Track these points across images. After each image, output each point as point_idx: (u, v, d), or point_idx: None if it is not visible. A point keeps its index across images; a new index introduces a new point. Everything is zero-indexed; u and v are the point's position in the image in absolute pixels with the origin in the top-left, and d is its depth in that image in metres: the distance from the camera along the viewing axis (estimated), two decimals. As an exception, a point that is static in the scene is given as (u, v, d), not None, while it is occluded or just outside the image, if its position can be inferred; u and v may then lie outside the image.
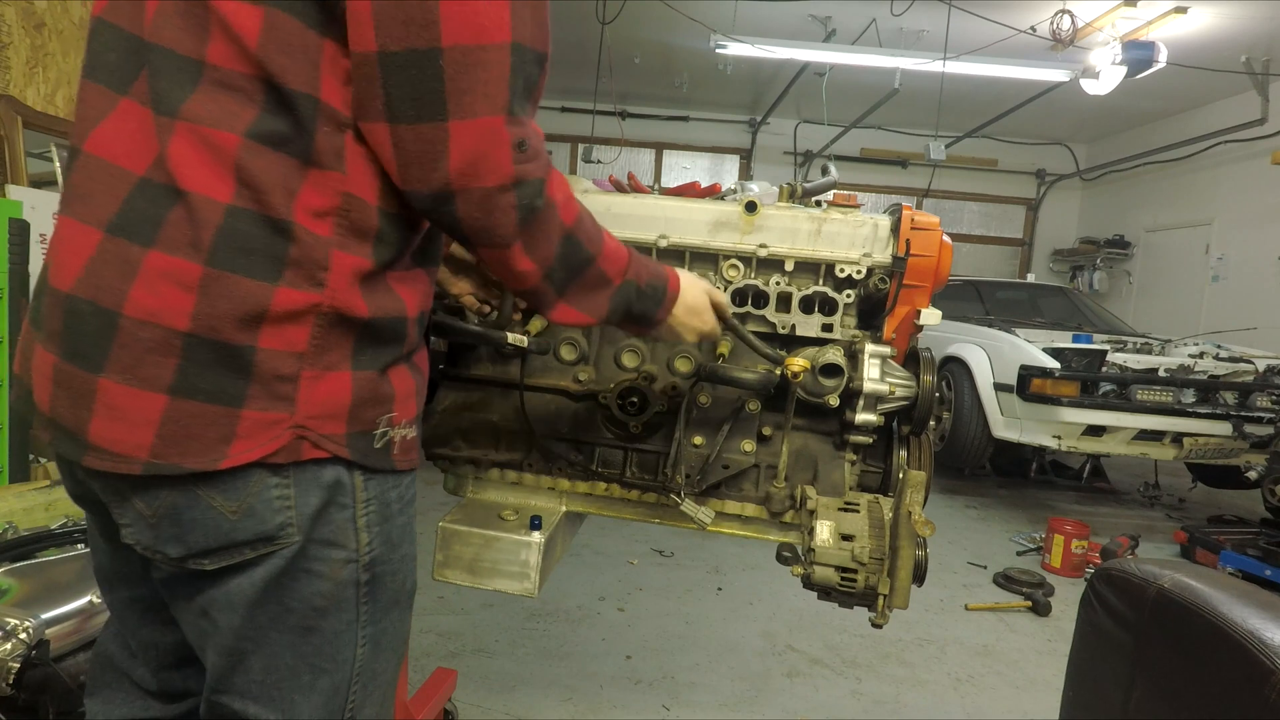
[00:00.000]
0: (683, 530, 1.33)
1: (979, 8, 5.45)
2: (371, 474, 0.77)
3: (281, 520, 0.72)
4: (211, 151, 0.67)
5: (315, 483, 0.73)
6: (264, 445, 0.70)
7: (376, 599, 0.81)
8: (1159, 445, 4.16)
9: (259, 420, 0.70)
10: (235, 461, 0.69)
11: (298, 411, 0.71)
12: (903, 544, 1.09)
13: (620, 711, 2.12)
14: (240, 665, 0.77)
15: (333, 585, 0.76)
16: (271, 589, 0.74)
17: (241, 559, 0.72)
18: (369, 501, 0.78)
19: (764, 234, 1.25)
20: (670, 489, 1.24)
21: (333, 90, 0.70)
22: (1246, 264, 6.81)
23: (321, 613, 0.77)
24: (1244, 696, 0.83)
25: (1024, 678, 2.54)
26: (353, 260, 0.72)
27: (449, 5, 0.66)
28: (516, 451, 1.32)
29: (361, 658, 0.81)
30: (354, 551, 0.77)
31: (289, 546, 0.73)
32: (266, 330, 0.69)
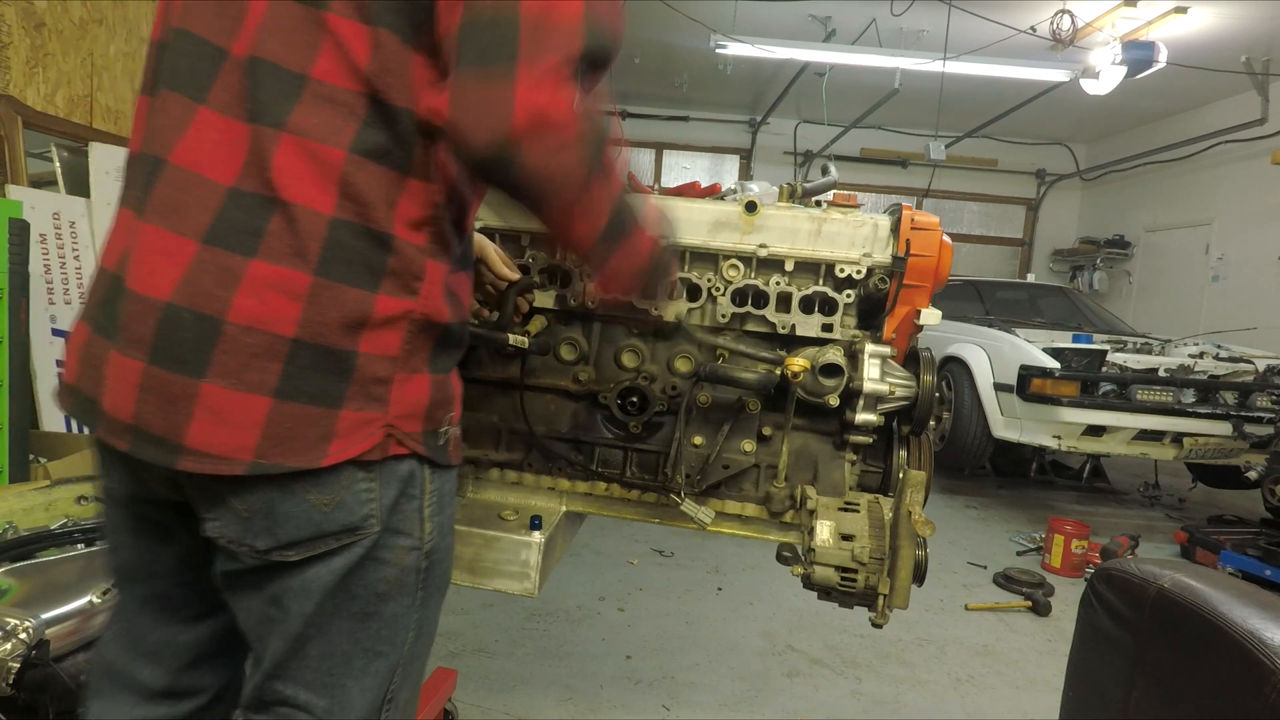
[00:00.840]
0: (683, 530, 1.33)
1: (979, 8, 5.45)
2: (435, 467, 0.82)
3: (366, 512, 0.76)
4: (318, 165, 0.71)
5: (394, 476, 0.77)
6: (360, 444, 0.74)
7: (429, 585, 0.84)
8: (1159, 445, 4.15)
9: (356, 420, 0.73)
10: (335, 459, 0.72)
11: (389, 411, 0.75)
12: (903, 544, 1.09)
13: (620, 711, 2.12)
14: (300, 651, 0.79)
15: (398, 571, 0.80)
16: (346, 576, 0.77)
17: (326, 549, 0.76)
18: (433, 493, 0.82)
19: (764, 234, 1.25)
20: (670, 489, 1.24)
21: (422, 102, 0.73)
22: (1246, 264, 6.81)
23: (383, 598, 0.80)
24: (1244, 696, 0.83)
25: (1024, 678, 2.54)
26: (441, 268, 0.78)
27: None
28: (516, 451, 1.31)
29: (409, 642, 0.84)
30: (419, 539, 0.81)
31: (369, 536, 0.77)
32: (367, 336, 0.73)
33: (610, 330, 1.32)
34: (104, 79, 3.20)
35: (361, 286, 0.72)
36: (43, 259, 2.68)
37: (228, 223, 0.70)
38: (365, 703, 0.82)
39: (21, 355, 2.40)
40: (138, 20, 3.37)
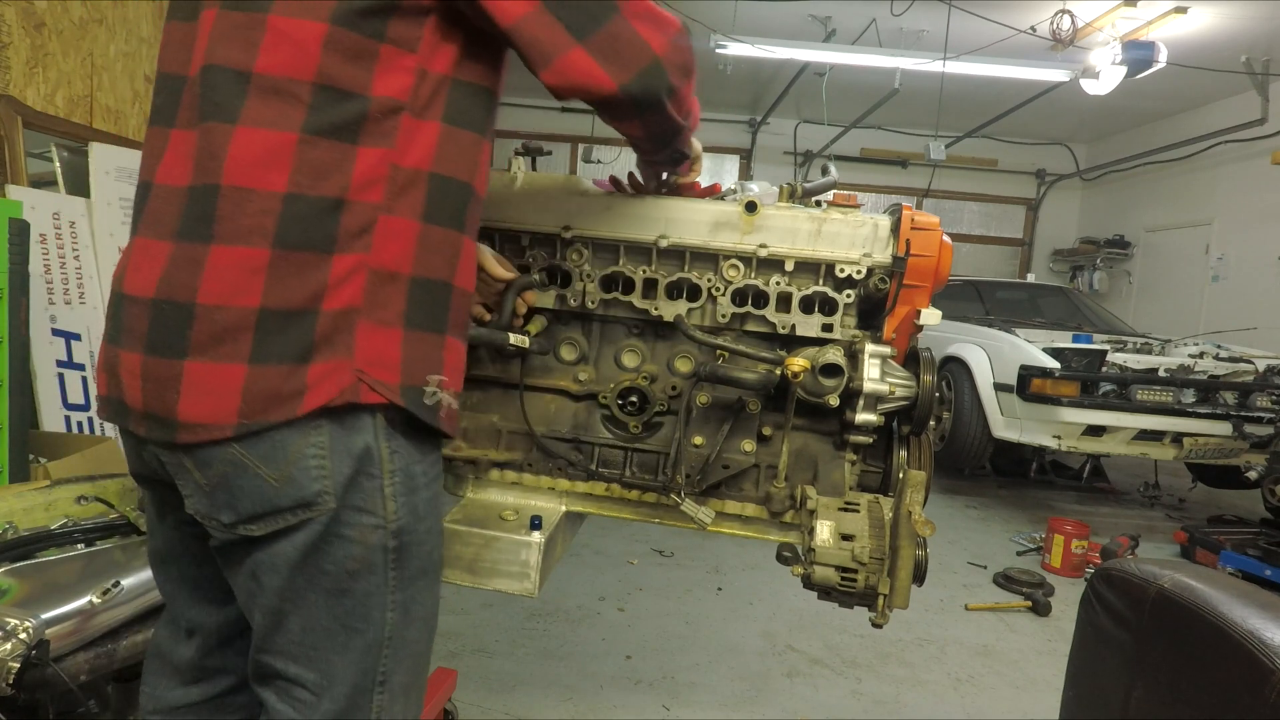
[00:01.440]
0: (683, 530, 1.33)
1: (979, 8, 5.45)
2: (398, 447, 0.85)
3: (318, 488, 0.80)
4: (269, 150, 0.77)
5: (347, 453, 0.81)
6: (329, 390, 0.79)
7: (404, 566, 0.87)
8: (1159, 445, 4.15)
9: (325, 369, 0.79)
10: (308, 408, 0.78)
11: (356, 358, 0.80)
12: (903, 544, 1.09)
13: (620, 711, 2.12)
14: (281, 625, 0.85)
15: (363, 549, 0.84)
16: (311, 552, 0.82)
17: (285, 524, 0.81)
18: (395, 473, 0.85)
19: (764, 234, 1.25)
20: (670, 489, 1.24)
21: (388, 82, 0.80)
22: (1246, 264, 6.81)
23: (354, 575, 0.84)
24: (1244, 696, 0.83)
25: (1024, 678, 2.54)
26: (401, 223, 0.82)
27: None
28: (516, 451, 1.32)
29: (392, 622, 0.87)
30: (382, 518, 0.85)
31: (325, 513, 0.81)
32: (330, 293, 0.79)
33: (610, 330, 1.32)
34: (104, 79, 3.20)
35: (318, 249, 0.78)
36: (43, 259, 2.68)
37: (191, 217, 0.78)
38: (352, 679, 0.86)
39: (21, 355, 2.40)
40: (138, 20, 3.37)
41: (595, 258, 1.28)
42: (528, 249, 1.28)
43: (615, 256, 1.28)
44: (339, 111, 0.78)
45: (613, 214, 1.27)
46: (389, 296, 0.82)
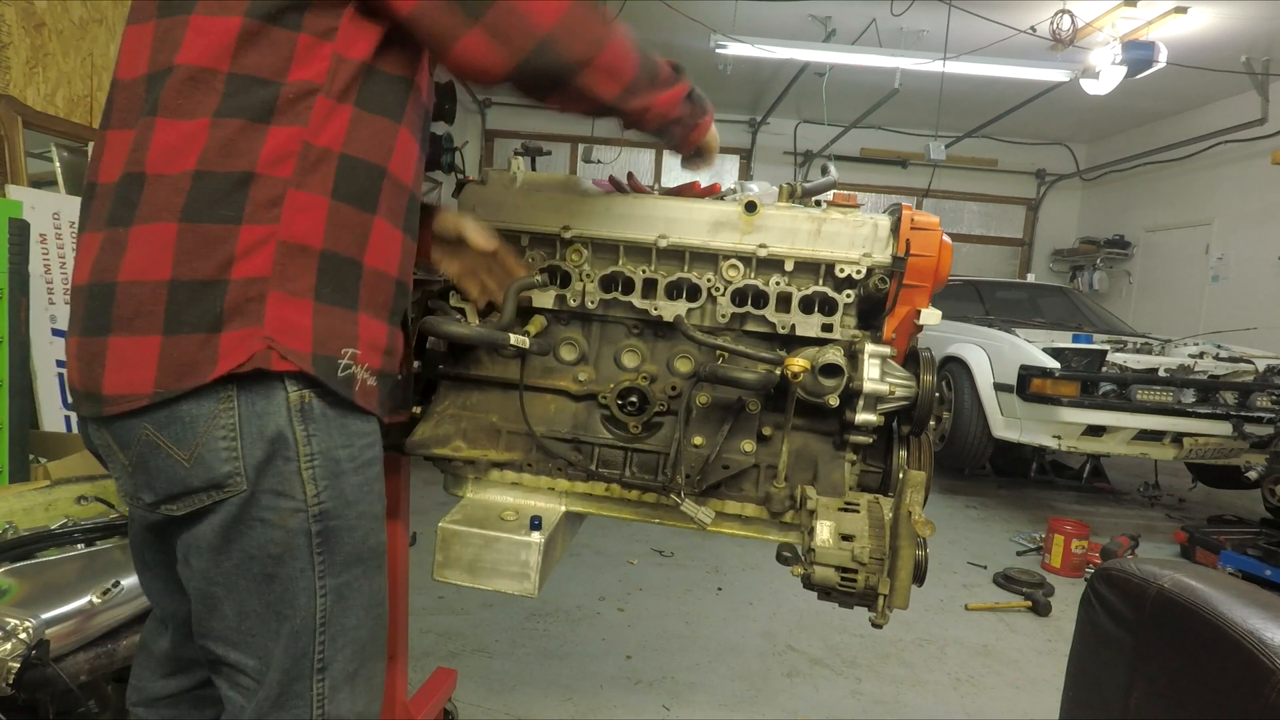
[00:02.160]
0: (683, 530, 1.33)
1: (979, 8, 5.45)
2: (315, 430, 0.85)
3: (229, 470, 0.82)
4: (183, 135, 0.80)
5: (259, 436, 0.82)
6: (239, 356, 0.80)
7: (333, 551, 0.88)
8: (1159, 445, 4.16)
9: (237, 337, 0.80)
10: (219, 373, 0.79)
11: (265, 326, 0.81)
12: (903, 544, 1.09)
13: (620, 711, 2.12)
14: (215, 610, 0.87)
15: (284, 533, 0.85)
16: (230, 535, 0.84)
17: (201, 505, 0.83)
18: (313, 456, 0.85)
19: (764, 234, 1.25)
20: (670, 489, 1.24)
21: (305, 69, 0.82)
22: (1246, 264, 6.81)
23: (278, 560, 0.85)
24: (1244, 696, 0.83)
25: (1024, 678, 2.54)
26: (307, 197, 0.83)
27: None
28: (516, 451, 1.31)
29: (323, 608, 0.88)
30: (301, 502, 0.85)
31: (238, 494, 0.82)
32: (238, 263, 0.80)
33: (610, 330, 1.32)
34: (104, 79, 3.20)
35: (226, 221, 0.80)
36: (43, 259, 2.68)
37: (117, 205, 0.82)
38: (284, 664, 0.87)
39: (21, 355, 2.40)
40: (138, 20, 3.37)
41: (595, 258, 1.28)
42: (527, 249, 1.28)
43: (615, 256, 1.28)
44: (253, 96, 0.81)
45: (612, 214, 1.27)
46: (300, 268, 0.83)
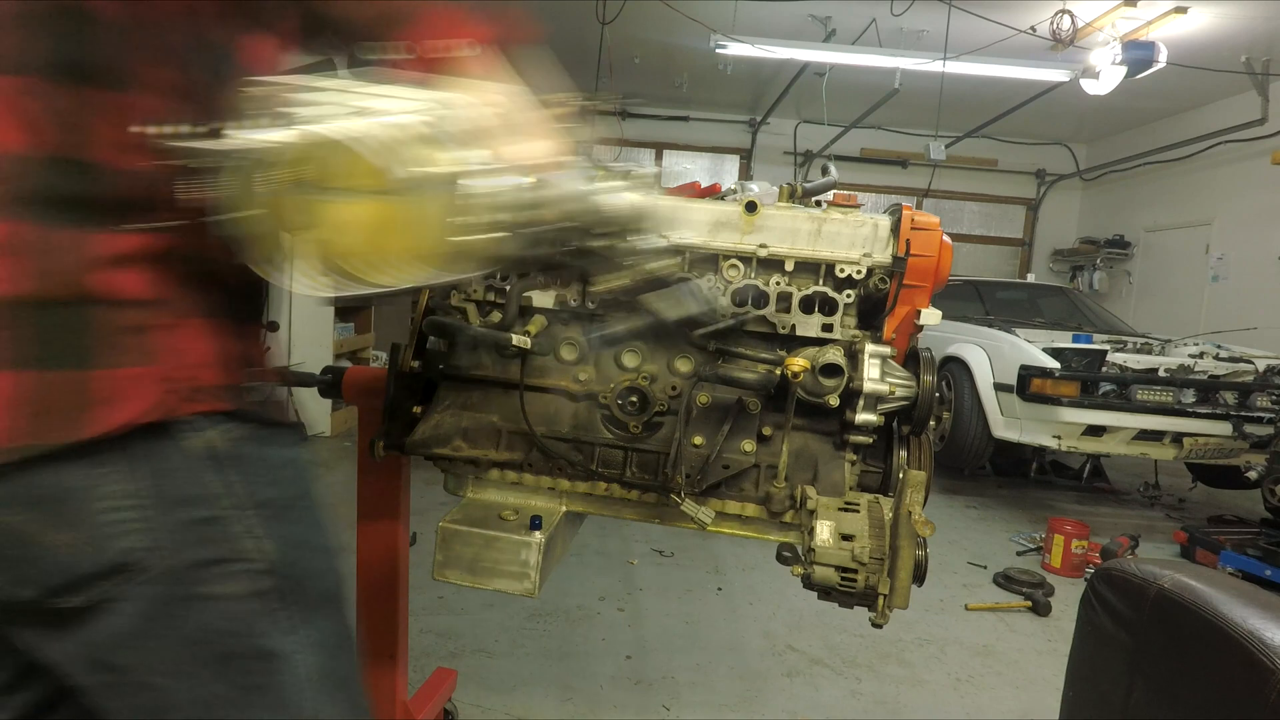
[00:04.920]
0: (683, 530, 1.33)
1: (979, 8, 5.45)
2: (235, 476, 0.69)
3: (128, 545, 0.63)
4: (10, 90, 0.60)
5: (163, 500, 0.64)
6: (130, 406, 0.62)
7: (299, 601, 0.72)
8: (1159, 445, 4.16)
9: (121, 379, 0.62)
10: (102, 428, 0.61)
11: (161, 363, 0.64)
12: (903, 544, 1.09)
13: (620, 711, 2.12)
14: (168, 700, 0.67)
15: (234, 603, 0.68)
16: (160, 620, 0.65)
17: (106, 596, 0.63)
18: (244, 506, 0.69)
19: (764, 234, 1.25)
20: (670, 489, 1.24)
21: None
22: (1246, 264, 6.81)
23: (233, 635, 0.68)
24: (1244, 696, 0.83)
25: (1024, 678, 2.54)
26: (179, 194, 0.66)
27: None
28: (516, 451, 1.32)
29: (311, 665, 0.72)
30: (247, 563, 0.68)
31: (150, 574, 0.64)
32: (98, 281, 0.61)
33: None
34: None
35: (75, 225, 0.61)
36: None
37: None
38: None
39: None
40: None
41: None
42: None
43: (615, 256, 1.28)
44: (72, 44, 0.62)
45: (613, 214, 1.27)
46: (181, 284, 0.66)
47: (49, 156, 0.61)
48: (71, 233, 0.61)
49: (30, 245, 0.60)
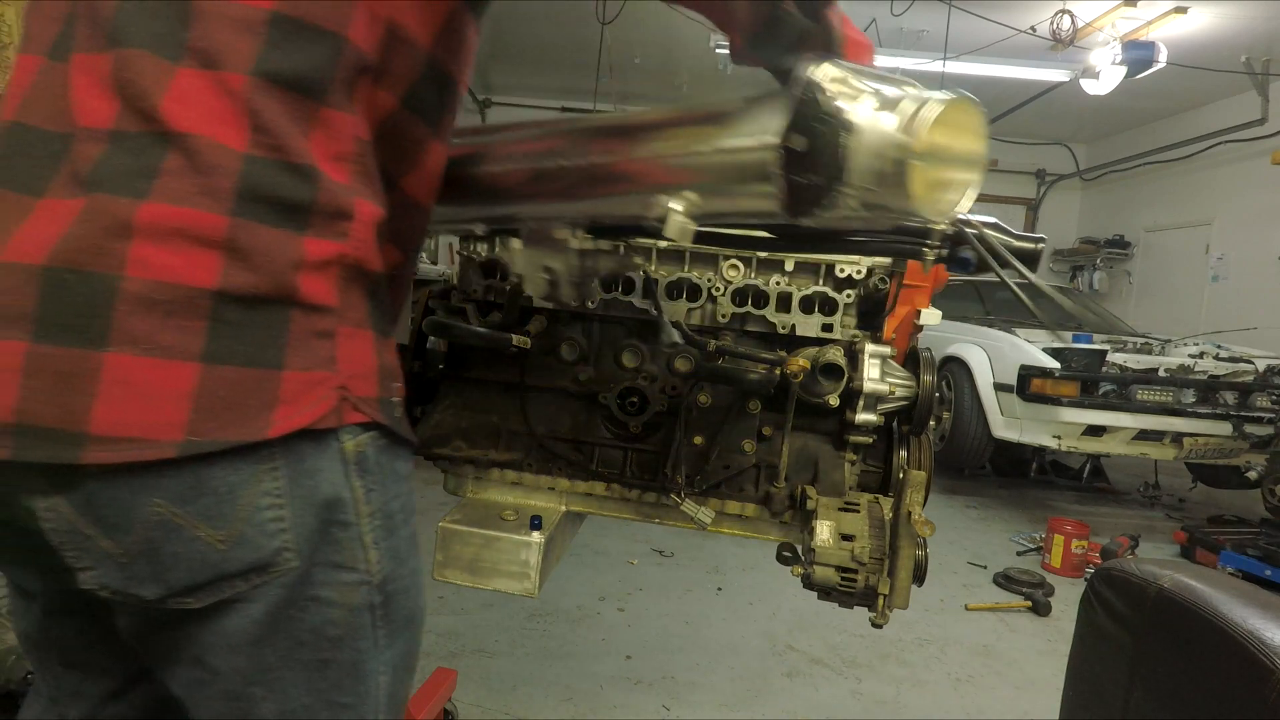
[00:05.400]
0: (683, 530, 1.33)
1: (979, 8, 5.45)
2: (374, 483, 0.70)
3: (277, 545, 0.63)
4: (217, 92, 0.61)
5: (309, 500, 0.65)
6: (310, 410, 0.63)
7: (392, 620, 0.72)
8: (1159, 445, 4.16)
9: (303, 382, 0.63)
10: (281, 429, 0.61)
11: (339, 371, 0.65)
12: (903, 544, 1.09)
13: (620, 711, 2.12)
14: (252, 711, 0.67)
15: (346, 612, 0.68)
16: (275, 623, 0.65)
17: (234, 593, 0.63)
18: (373, 515, 0.69)
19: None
20: (670, 489, 1.24)
21: (360, 30, 0.66)
22: (1246, 264, 6.81)
23: (336, 643, 0.68)
24: (1244, 696, 0.83)
25: (1024, 678, 2.54)
26: (370, 209, 0.69)
27: None
28: (516, 451, 1.32)
29: (384, 686, 0.73)
30: (365, 573, 0.69)
31: (288, 574, 0.64)
32: (301, 284, 0.63)
33: (610, 330, 1.32)
34: (104, 79, 3.20)
35: (286, 227, 0.62)
36: None
37: (111, 165, 0.60)
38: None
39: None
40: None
41: (595, 258, 1.28)
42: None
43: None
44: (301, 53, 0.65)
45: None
46: (360, 296, 0.69)
47: (267, 158, 0.62)
48: (282, 234, 0.62)
49: (246, 242, 0.60)
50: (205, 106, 0.61)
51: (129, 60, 0.61)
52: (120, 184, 0.59)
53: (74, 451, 0.57)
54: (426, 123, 0.76)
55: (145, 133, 0.60)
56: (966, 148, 0.69)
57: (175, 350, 0.58)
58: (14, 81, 0.67)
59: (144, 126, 0.60)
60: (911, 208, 0.67)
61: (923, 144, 0.64)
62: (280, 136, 0.63)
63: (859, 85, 0.67)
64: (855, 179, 0.66)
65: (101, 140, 0.61)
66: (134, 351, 0.57)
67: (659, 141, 0.80)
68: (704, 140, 0.77)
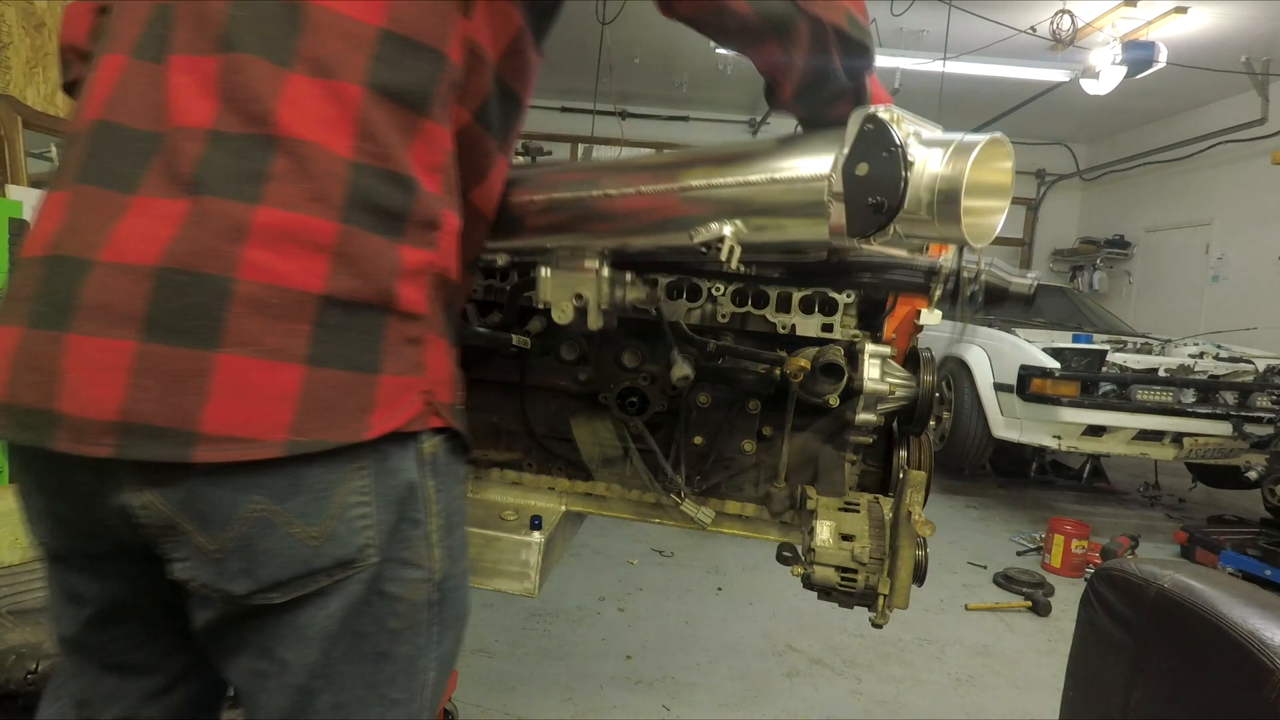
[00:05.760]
0: (683, 530, 1.33)
1: (979, 8, 5.45)
2: (442, 483, 0.72)
3: (362, 541, 0.65)
4: (330, 101, 0.64)
5: (390, 496, 0.67)
6: (402, 413, 0.66)
7: (444, 618, 0.74)
8: (1159, 445, 4.15)
9: (397, 386, 0.65)
10: (377, 431, 0.64)
11: (426, 377, 0.68)
12: (903, 544, 1.09)
13: (620, 711, 2.12)
14: (309, 705, 0.68)
15: (409, 608, 0.70)
16: (348, 617, 0.67)
17: (317, 587, 0.65)
18: (439, 514, 0.72)
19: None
20: (670, 489, 1.24)
21: (455, 48, 0.69)
22: (1246, 264, 6.81)
23: (395, 637, 0.70)
24: (1244, 696, 0.83)
25: (1024, 678, 2.54)
26: (454, 220, 0.72)
27: None
28: (516, 451, 1.32)
29: (431, 684, 0.75)
30: (429, 570, 0.71)
31: (368, 569, 0.66)
32: (398, 292, 0.65)
33: (610, 330, 1.32)
34: (104, 79, 3.20)
35: (387, 235, 0.65)
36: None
37: (217, 167, 0.61)
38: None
39: (21, 355, 2.40)
40: (138, 20, 3.36)
41: (595, 258, 1.28)
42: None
43: (615, 256, 1.28)
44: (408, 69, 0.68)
45: (613, 214, 1.27)
46: (440, 304, 0.71)
47: (373, 165, 0.65)
48: (383, 241, 0.65)
49: (352, 248, 0.63)
50: (316, 113, 0.63)
51: (240, 64, 0.63)
52: (228, 186, 0.61)
53: (185, 450, 0.58)
54: (494, 138, 0.79)
55: (249, 134, 0.62)
56: (997, 180, 0.78)
57: (281, 352, 0.60)
58: (99, 80, 0.68)
59: (248, 128, 0.62)
60: (958, 234, 0.74)
61: (970, 178, 0.72)
62: (385, 146, 0.65)
63: (907, 127, 0.75)
64: (910, 207, 0.74)
65: (200, 139, 0.62)
66: (244, 353, 0.59)
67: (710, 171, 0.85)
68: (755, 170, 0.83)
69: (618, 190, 0.89)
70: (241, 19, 0.64)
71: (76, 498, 0.66)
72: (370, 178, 0.64)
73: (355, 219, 0.63)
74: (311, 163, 0.62)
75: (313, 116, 0.63)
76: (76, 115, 0.69)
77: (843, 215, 0.76)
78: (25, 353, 0.61)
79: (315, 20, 0.64)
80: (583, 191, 0.91)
